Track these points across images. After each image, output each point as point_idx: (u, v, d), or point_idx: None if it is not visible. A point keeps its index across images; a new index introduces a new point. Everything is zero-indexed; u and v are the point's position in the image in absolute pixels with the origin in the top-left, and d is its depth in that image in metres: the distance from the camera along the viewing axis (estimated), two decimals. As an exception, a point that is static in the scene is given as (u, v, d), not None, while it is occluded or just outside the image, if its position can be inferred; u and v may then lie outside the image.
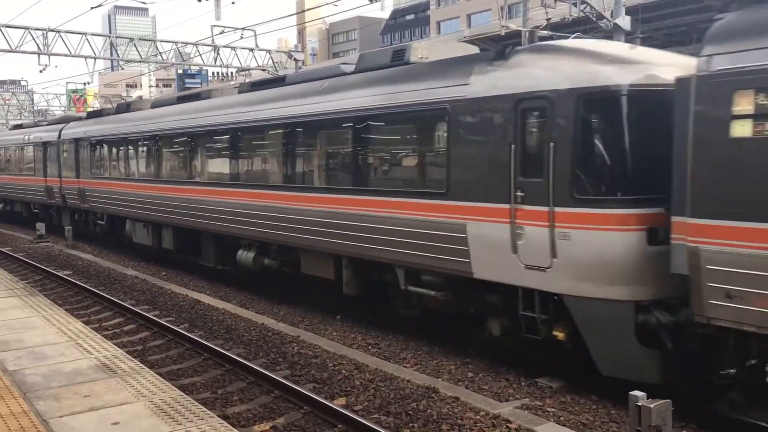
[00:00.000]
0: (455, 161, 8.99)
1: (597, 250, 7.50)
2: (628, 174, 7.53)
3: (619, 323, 7.47)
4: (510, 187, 8.24)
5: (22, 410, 5.46)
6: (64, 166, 23.30)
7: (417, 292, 9.97)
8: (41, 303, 9.72)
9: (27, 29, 30.23)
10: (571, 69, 7.86)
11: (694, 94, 6.60)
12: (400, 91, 10.01)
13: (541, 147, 7.97)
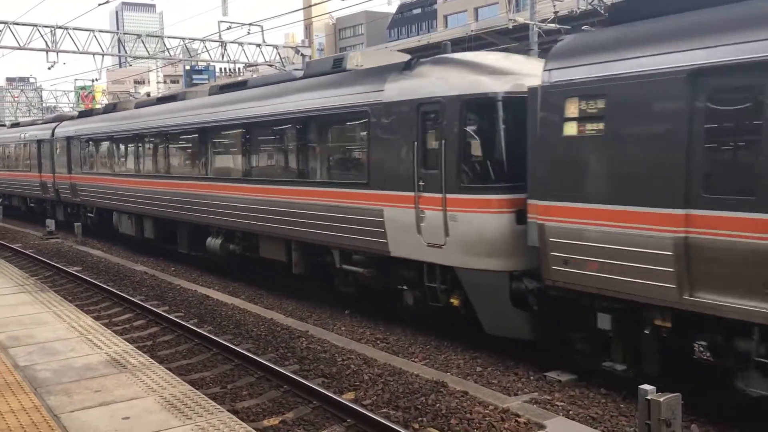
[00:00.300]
0: (374, 156, 10.51)
1: (478, 230, 8.99)
2: (501, 166, 9.06)
3: (497, 290, 8.92)
4: (414, 177, 9.74)
5: (34, 405, 5.50)
6: (57, 163, 24.56)
7: (350, 270, 11.39)
8: (52, 299, 9.78)
9: (35, 26, 30.36)
10: (457, 79, 9.38)
11: (539, 101, 8.11)
12: (335, 95, 11.47)
13: (436, 144, 9.44)
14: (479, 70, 9.38)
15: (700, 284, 6.67)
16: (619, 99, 7.29)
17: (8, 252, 20.02)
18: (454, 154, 9.19)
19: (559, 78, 7.93)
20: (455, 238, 9.22)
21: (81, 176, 22.67)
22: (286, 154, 12.93)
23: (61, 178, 24.41)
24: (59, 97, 69.67)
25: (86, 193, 22.40)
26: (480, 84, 9.13)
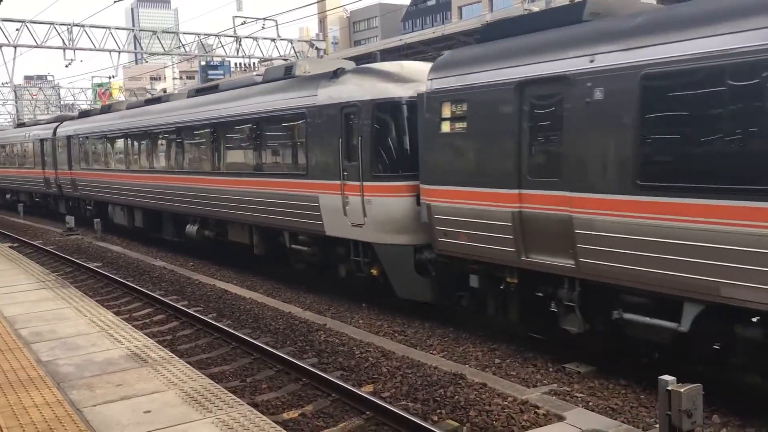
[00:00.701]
0: (310, 150, 12.30)
1: (388, 211, 10.84)
2: (405, 158, 10.82)
3: (404, 261, 10.77)
4: (340, 168, 11.53)
5: (57, 400, 5.56)
6: (59, 160, 26.42)
7: (297, 249, 13.30)
8: (72, 294, 9.89)
9: (52, 24, 30.59)
10: (371, 86, 11.22)
11: (425, 104, 9.97)
12: (283, 98, 13.27)
13: (356, 139, 11.22)
14: (388, 79, 11.25)
15: (530, 248, 8.54)
16: (474, 104, 9.21)
17: (30, 249, 20.25)
18: (368, 148, 11.07)
19: (437, 86, 9.80)
20: (371, 219, 11.07)
21: (80, 172, 24.47)
22: (246, 149, 14.59)
23: (62, 174, 26.12)
24: (77, 95, 70.23)
25: (85, 188, 24.35)
26: (388, 90, 11.04)
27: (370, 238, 11.17)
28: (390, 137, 11.06)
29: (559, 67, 8.03)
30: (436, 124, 9.75)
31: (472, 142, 9.26)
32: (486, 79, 9.02)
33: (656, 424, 6.46)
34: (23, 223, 28.50)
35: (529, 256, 8.52)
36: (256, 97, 14.27)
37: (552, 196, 8.13)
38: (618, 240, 7.44)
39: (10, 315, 8.54)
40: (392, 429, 6.93)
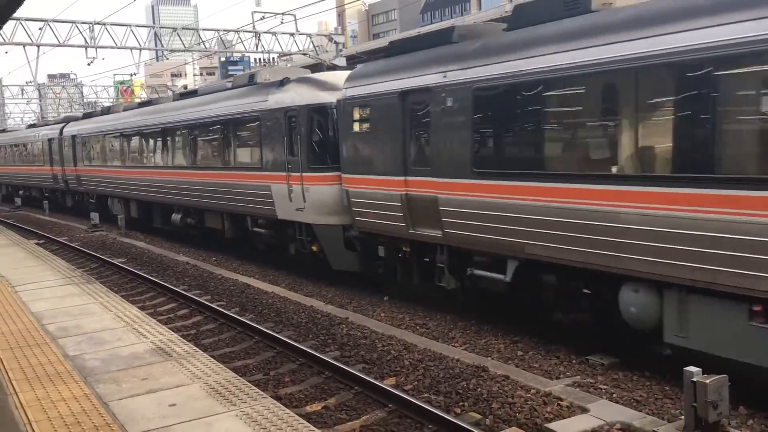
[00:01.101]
0: (264, 147, 14.59)
1: (321, 197, 13.00)
2: (333, 152, 12.86)
3: (336, 238, 12.87)
4: (285, 162, 13.78)
5: (84, 394, 5.65)
6: (65, 158, 28.80)
7: (257, 232, 15.49)
8: (98, 290, 10.01)
9: (74, 23, 30.90)
10: (308, 93, 13.43)
11: (342, 108, 12.23)
12: (244, 103, 15.54)
13: (296, 138, 13.48)
14: (322, 87, 13.40)
15: (415, 223, 10.73)
16: (374, 108, 11.45)
17: (55, 245, 20.53)
18: (305, 145, 13.29)
19: (350, 94, 12.00)
20: (309, 204, 13.21)
21: (83, 168, 26.95)
22: (216, 147, 17.02)
23: (68, 170, 28.56)
24: (99, 93, 70.94)
25: (88, 183, 26.82)
26: (320, 97, 13.22)
27: (310, 220, 13.38)
28: (322, 136, 13.32)
29: (425, 81, 10.26)
30: (349, 125, 12.05)
31: (373, 139, 11.52)
32: (381, 88, 11.25)
33: (681, 416, 6.41)
34: (48, 220, 28.90)
35: (415, 229, 10.81)
36: (224, 101, 16.63)
37: (425, 181, 10.36)
38: (465, 214, 9.69)
39: (37, 311, 8.68)
40: (415, 421, 6.94)
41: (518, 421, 6.83)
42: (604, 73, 7.65)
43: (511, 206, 8.85)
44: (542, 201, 8.44)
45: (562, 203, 8.21)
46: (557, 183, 8.25)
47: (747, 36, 6.33)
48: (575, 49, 7.97)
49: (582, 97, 8.04)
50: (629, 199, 7.44)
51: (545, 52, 8.36)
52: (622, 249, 7.56)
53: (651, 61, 7.14)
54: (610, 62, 7.55)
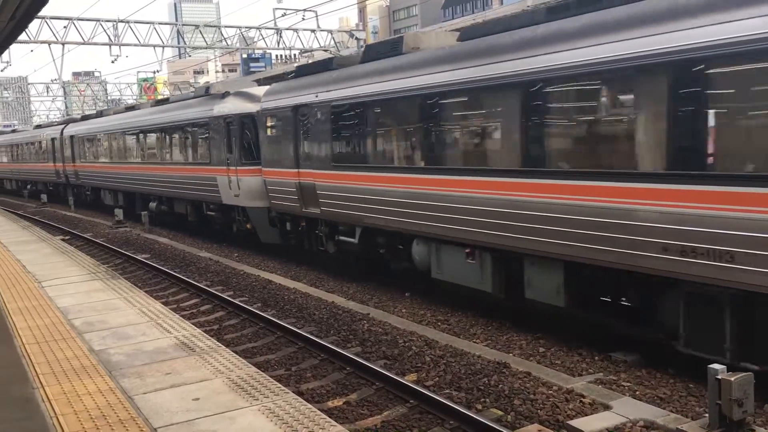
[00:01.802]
0: (211, 146, 18.54)
1: (250, 185, 16.59)
2: (258, 150, 16.27)
3: (263, 218, 16.45)
4: (225, 158, 17.60)
5: (109, 387, 5.72)
6: (65, 155, 32.73)
7: (211, 215, 19.42)
8: (122, 285, 10.13)
9: (98, 21, 31.23)
10: (239, 104, 17.30)
11: (262, 117, 15.71)
12: (199, 111, 19.46)
13: (232, 139, 17.35)
14: (251, 99, 17.15)
15: (305, 204, 14.06)
16: (279, 118, 15.01)
17: (80, 241, 20.80)
18: (238, 145, 17.14)
19: (265, 106, 15.69)
20: (243, 191, 16.92)
21: (80, 165, 30.92)
22: (179, 146, 20.92)
23: (68, 166, 32.52)
24: (123, 90, 71.64)
25: (85, 177, 30.68)
26: (248, 107, 16.97)
27: (243, 204, 17.02)
28: (251, 137, 16.83)
29: (307, 99, 13.82)
30: (264, 130, 15.77)
31: (278, 141, 15.07)
32: (283, 103, 14.75)
33: (706, 414, 6.34)
34: (73, 216, 29.29)
35: (306, 208, 14.15)
36: (186, 108, 20.58)
37: (309, 172, 13.82)
38: (331, 194, 13.10)
39: (63, 306, 8.80)
40: (436, 417, 6.94)
41: (540, 418, 6.81)
42: (396, 99, 11.19)
43: (354, 189, 12.39)
44: (368, 185, 11.96)
45: (378, 187, 11.72)
46: (376, 173, 11.78)
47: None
48: (383, 81, 11.55)
49: (383, 114, 11.65)
50: (400, 183, 11.21)
51: (368, 82, 11.97)
52: (409, 217, 11.04)
53: (417, 92, 10.64)
54: (400, 92, 11.05)
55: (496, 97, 9.21)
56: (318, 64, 14.95)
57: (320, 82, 13.61)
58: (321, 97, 13.29)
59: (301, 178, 14.03)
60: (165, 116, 21.86)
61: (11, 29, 13.23)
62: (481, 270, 10.02)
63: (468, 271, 10.22)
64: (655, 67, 7.19)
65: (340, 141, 12.77)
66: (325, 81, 13.43)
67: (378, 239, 12.44)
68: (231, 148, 17.35)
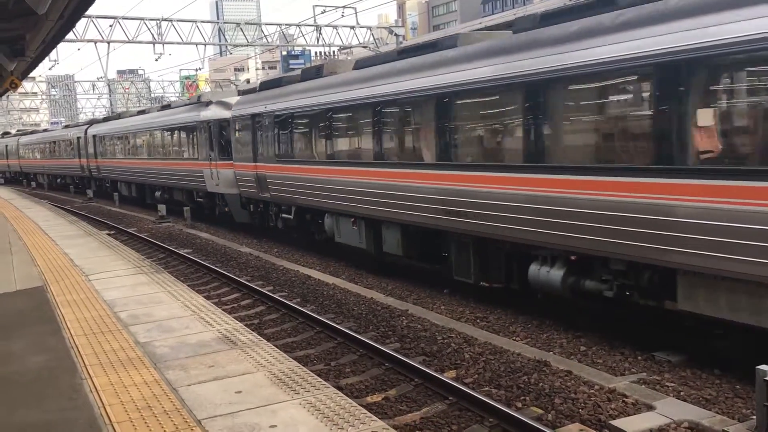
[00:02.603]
0: (198, 145, 22.78)
1: (227, 176, 20.74)
2: (230, 149, 20.50)
3: (235, 202, 20.61)
4: (208, 155, 22.01)
5: (154, 379, 5.84)
6: (88, 152, 37.55)
7: (200, 201, 24.08)
8: (166, 279, 10.31)
9: (142, 20, 31.80)
10: (218, 111, 21.88)
11: (233, 122, 20.09)
12: (190, 115, 23.79)
13: (213, 140, 21.79)
14: (226, 107, 21.57)
15: (261, 189, 18.07)
16: (242, 124, 19.15)
17: (125, 236, 21.25)
18: (217, 144, 21.62)
19: (235, 113, 19.88)
20: (221, 181, 21.22)
21: (101, 161, 35.65)
22: (172, 145, 25.97)
23: (91, 162, 37.32)
24: (165, 87, 72.81)
25: (104, 171, 35.59)
26: (223, 114, 21.41)
27: (222, 191, 21.41)
28: (225, 138, 21.33)
29: (258, 109, 18.06)
30: (235, 132, 19.89)
31: (243, 141, 19.29)
32: (246, 111, 19.02)
33: (753, 416, 6.20)
34: (118, 211, 29.92)
35: (261, 194, 18.25)
36: (181, 114, 25.05)
37: (262, 165, 17.95)
38: (276, 182, 17.19)
39: (110, 299, 9.01)
40: (475, 415, 6.92)
41: (581, 417, 6.73)
42: (312, 111, 15.31)
43: (289, 178, 16.40)
44: (298, 174, 15.94)
45: (303, 175, 15.68)
46: (301, 165, 15.75)
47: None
48: (307, 97, 15.64)
49: (306, 122, 15.84)
50: (315, 172, 15.20)
51: (298, 98, 16.13)
52: (321, 198, 14.99)
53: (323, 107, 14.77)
54: (315, 106, 15.13)
55: (358, 114, 13.58)
56: (272, 81, 19.55)
57: (270, 96, 17.93)
58: (269, 108, 17.51)
59: (257, 170, 18.32)
60: (164, 120, 26.70)
61: (59, 28, 13.54)
62: (359, 233, 14.06)
63: (353, 235, 14.30)
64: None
65: (281, 142, 16.95)
66: (273, 95, 17.74)
67: (306, 215, 16.54)
68: (212, 146, 21.93)
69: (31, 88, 72.38)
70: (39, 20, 11.97)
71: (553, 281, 9.31)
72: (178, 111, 25.40)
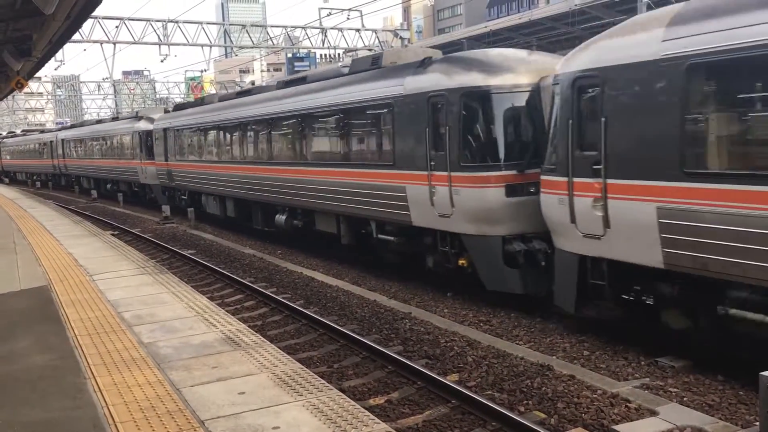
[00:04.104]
0: (135, 149, 30.47)
1: (152, 172, 28.85)
2: (156, 151, 29.15)
3: (159, 190, 28.77)
4: (140, 155, 29.98)
5: (157, 380, 5.85)
6: (57, 153, 45.19)
7: (135, 190, 31.61)
8: (170, 280, 10.33)
9: (148, 21, 31.90)
10: (144, 124, 30.37)
11: (154, 132, 28.90)
12: (128, 126, 31.15)
13: (143, 146, 30.24)
14: (150, 121, 28.60)
15: (171, 179, 26.07)
16: (158, 133, 27.29)
17: (129, 236, 21.29)
18: (145, 150, 28.80)
19: (155, 126, 27.80)
20: (148, 175, 28.47)
21: (68, 160, 43.09)
22: (115, 148, 31.09)
23: (59, 161, 45.02)
24: (171, 89, 72.97)
25: (72, 168, 42.81)
26: (148, 126, 28.51)
27: (150, 182, 26.89)
28: (149, 144, 27.82)
29: (167, 125, 26.01)
30: (155, 139, 27.10)
31: (159, 146, 26.87)
32: (159, 125, 27.44)
33: (756, 422, 6.18)
34: (122, 211, 29.98)
35: (170, 182, 25.77)
36: (120, 125, 31.38)
37: (171, 163, 25.70)
38: (177, 174, 24.59)
39: (114, 299, 9.03)
40: (478, 418, 6.92)
41: (584, 422, 6.73)
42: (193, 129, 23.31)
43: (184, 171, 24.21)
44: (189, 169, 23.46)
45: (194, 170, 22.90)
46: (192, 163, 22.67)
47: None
48: (190, 118, 24.03)
49: (190, 136, 23.82)
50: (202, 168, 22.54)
51: (182, 118, 24.59)
52: (201, 183, 22.74)
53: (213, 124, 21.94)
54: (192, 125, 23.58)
55: (214, 131, 21.49)
56: (178, 105, 27.21)
57: (174, 115, 25.77)
58: (173, 124, 25.41)
59: (168, 166, 25.92)
60: (110, 128, 33.39)
61: (66, 29, 13.61)
62: (216, 205, 22.05)
63: (215, 206, 22.08)
64: None
65: (180, 147, 24.59)
66: (176, 115, 25.51)
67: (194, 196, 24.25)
68: (141, 149, 28.63)
69: (37, 88, 72.67)
70: (46, 20, 12.03)
71: (279, 222, 17.64)
72: (121, 122, 32.96)
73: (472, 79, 10.75)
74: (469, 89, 10.68)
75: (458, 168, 10.80)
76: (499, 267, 10.54)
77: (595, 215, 8.26)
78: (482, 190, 10.54)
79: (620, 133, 7.89)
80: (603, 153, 8.07)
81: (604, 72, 8.06)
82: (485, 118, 10.69)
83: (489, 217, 10.52)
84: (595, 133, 8.24)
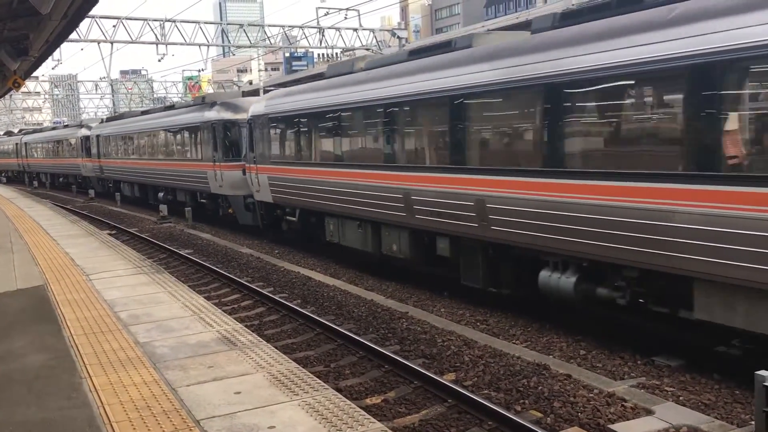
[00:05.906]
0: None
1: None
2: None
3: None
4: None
5: (153, 379, 5.85)
6: (23, 154, 50.28)
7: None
8: (166, 280, 10.32)
9: (145, 20, 31.84)
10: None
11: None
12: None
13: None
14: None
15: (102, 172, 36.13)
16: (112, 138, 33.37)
17: (126, 236, 21.26)
18: (84, 150, 37.69)
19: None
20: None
21: (32, 160, 48.50)
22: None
23: (25, 161, 51.72)
24: (168, 88, 72.88)
25: (33, 167, 49.05)
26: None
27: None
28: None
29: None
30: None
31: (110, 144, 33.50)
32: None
33: (752, 421, 6.19)
34: (119, 211, 29.95)
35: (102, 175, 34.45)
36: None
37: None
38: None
39: (110, 298, 9.02)
40: (474, 418, 6.92)
41: (580, 421, 6.73)
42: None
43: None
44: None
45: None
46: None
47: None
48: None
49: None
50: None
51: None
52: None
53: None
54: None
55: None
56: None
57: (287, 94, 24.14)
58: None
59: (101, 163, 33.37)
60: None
61: (63, 28, 13.59)
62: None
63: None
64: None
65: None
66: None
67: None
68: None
69: (34, 87, 72.49)
70: (42, 20, 12.01)
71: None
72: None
73: (228, 116, 21.71)
74: (226, 120, 21.61)
75: (223, 160, 21.48)
76: (243, 212, 20.55)
77: (256, 181, 18.30)
78: (233, 172, 20.68)
79: (258, 145, 18.18)
80: (254, 153, 18.30)
81: (252, 118, 18.43)
82: (233, 135, 21.42)
83: (237, 185, 20.57)
84: (254, 144, 18.46)
